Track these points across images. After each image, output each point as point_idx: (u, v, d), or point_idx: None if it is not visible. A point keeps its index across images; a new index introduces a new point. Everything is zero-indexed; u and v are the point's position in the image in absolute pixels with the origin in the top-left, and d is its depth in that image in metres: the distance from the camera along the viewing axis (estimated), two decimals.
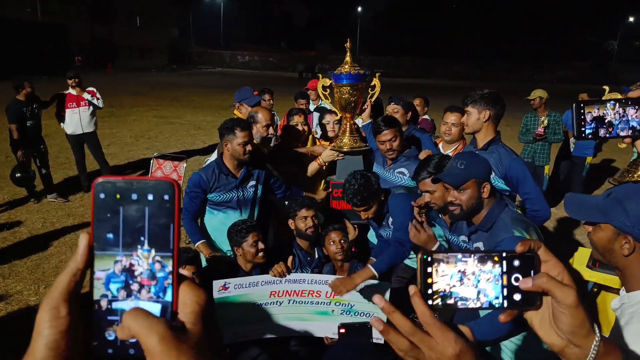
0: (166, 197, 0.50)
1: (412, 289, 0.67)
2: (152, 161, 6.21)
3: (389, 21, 62.64)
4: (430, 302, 0.67)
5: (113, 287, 0.51)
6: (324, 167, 4.03)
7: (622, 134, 1.09)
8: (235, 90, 4.74)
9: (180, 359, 0.46)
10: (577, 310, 0.66)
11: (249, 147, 3.31)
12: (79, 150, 7.60)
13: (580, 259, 3.60)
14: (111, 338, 0.51)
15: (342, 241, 3.24)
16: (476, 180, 2.39)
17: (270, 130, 3.87)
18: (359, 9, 59.47)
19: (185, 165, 5.69)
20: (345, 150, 3.85)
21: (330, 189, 3.89)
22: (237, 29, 62.48)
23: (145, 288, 0.51)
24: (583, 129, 1.09)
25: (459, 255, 0.68)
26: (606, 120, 1.09)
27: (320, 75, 4.07)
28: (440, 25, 58.51)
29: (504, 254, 0.68)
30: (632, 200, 1.44)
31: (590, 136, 1.10)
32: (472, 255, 0.68)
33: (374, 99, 4.02)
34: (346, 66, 3.74)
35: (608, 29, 53.18)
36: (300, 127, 4.01)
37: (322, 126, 4.66)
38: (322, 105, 5.49)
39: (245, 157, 3.34)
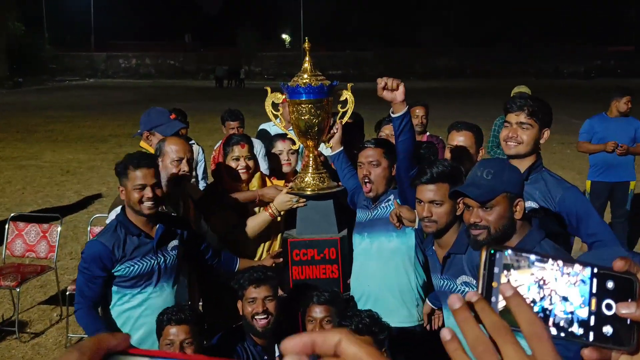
0: None
1: (472, 295, 0.57)
2: (7, 225, 4.84)
3: (342, 2, 46.25)
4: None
5: None
6: (278, 219, 3.34)
7: None
8: (132, 111, 3.61)
9: None
10: None
11: (148, 193, 2.64)
12: None
13: None
14: None
15: (324, 322, 2.66)
16: (507, 194, 2.16)
17: (184, 167, 3.11)
18: None
19: (59, 228, 4.67)
20: (308, 193, 3.21)
21: (289, 250, 3.17)
22: (117, 20, 47.30)
23: None
24: None
25: (532, 257, 0.58)
26: None
27: (269, 89, 3.36)
28: (412, 3, 43.31)
29: (596, 270, 0.59)
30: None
31: None
32: (551, 260, 0.59)
33: (345, 119, 3.32)
34: (305, 75, 3.10)
35: None
36: (243, 162, 3.35)
37: (272, 157, 3.88)
38: (265, 127, 4.86)
39: (144, 209, 2.67)
